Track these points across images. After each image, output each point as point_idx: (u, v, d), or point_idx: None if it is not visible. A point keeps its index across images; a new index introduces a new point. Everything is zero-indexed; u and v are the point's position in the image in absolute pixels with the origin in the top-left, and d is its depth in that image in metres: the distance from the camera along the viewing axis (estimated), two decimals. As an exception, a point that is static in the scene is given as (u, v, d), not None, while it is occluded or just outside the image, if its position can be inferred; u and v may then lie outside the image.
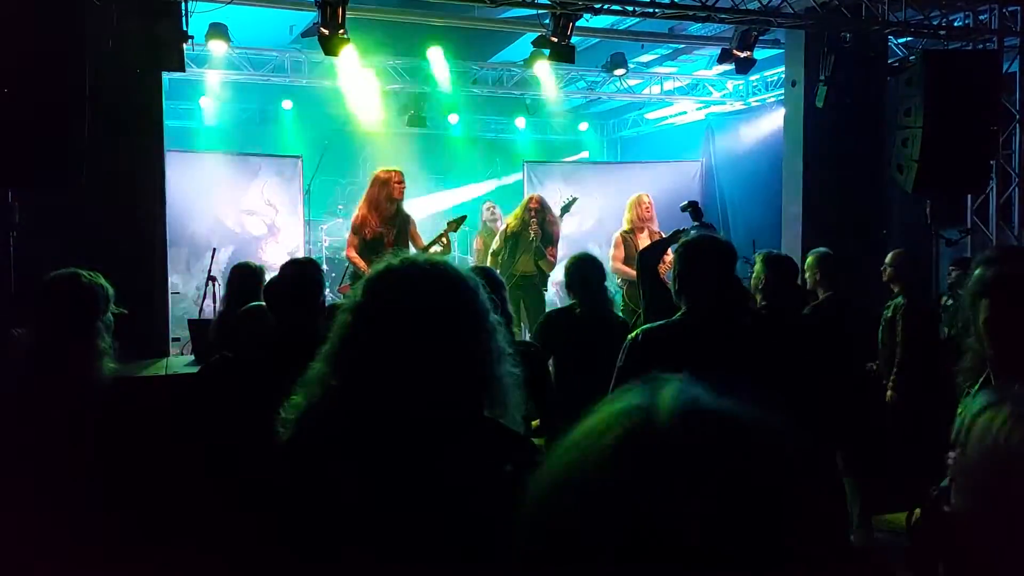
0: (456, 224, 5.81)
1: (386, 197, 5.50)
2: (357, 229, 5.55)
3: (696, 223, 5.67)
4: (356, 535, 1.19)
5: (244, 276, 3.86)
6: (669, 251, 6.31)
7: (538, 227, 6.21)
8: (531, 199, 6.46)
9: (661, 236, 6.38)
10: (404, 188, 5.61)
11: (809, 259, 4.74)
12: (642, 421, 0.56)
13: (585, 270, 3.69)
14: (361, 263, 5.43)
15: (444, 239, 5.66)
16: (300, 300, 2.54)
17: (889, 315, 4.73)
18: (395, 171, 5.63)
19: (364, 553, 1.19)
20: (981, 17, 6.71)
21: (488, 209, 7.79)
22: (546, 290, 6.54)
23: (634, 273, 6.19)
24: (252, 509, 1.40)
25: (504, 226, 6.49)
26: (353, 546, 1.20)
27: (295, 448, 1.32)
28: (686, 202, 5.68)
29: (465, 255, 9.14)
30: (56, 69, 4.71)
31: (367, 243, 5.46)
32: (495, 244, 6.45)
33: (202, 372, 2.69)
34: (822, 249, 4.79)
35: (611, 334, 3.54)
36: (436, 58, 8.52)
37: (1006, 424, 1.04)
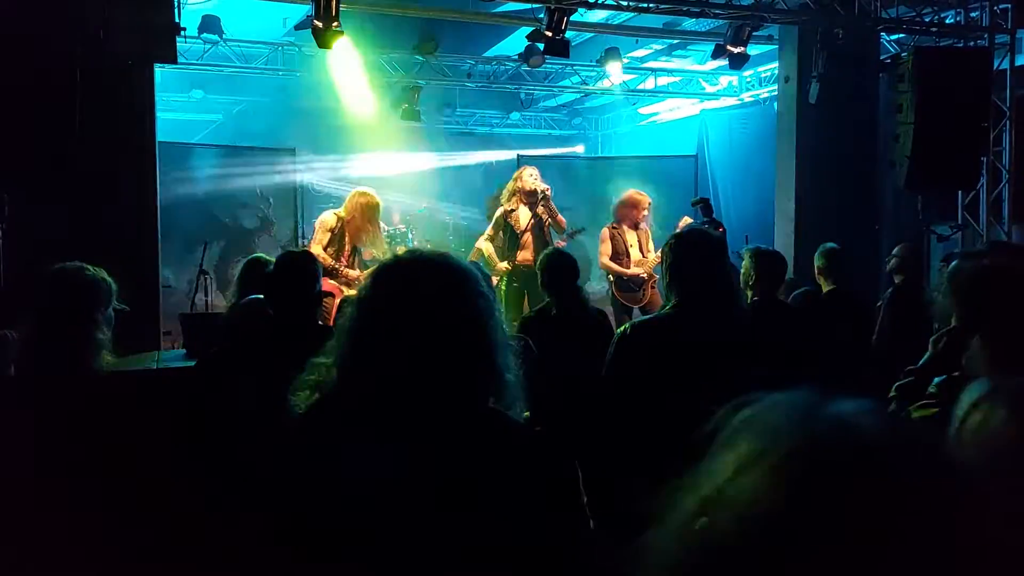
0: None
1: (370, 227, 5.51)
2: (332, 234, 5.50)
3: (706, 219, 5.74)
4: (365, 527, 1.20)
5: (257, 270, 3.84)
6: (652, 247, 6.36)
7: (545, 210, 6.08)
8: (538, 186, 6.04)
9: (647, 232, 6.41)
10: None
11: (817, 253, 4.81)
12: (851, 437, 0.53)
13: (558, 268, 3.67)
14: (331, 260, 5.40)
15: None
16: (296, 290, 2.56)
17: (880, 304, 4.81)
18: (378, 202, 5.61)
19: (372, 545, 1.19)
20: (972, 14, 6.74)
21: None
22: None
23: (620, 269, 6.21)
24: (256, 502, 1.40)
25: (500, 209, 6.19)
26: (361, 538, 1.20)
27: (303, 440, 1.32)
28: (697, 198, 5.72)
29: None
30: (47, 62, 4.69)
31: (332, 250, 5.46)
32: (489, 231, 6.23)
33: (200, 364, 2.69)
34: (830, 244, 4.86)
35: (588, 329, 3.56)
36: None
37: (1003, 419, 1.01)
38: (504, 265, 5.89)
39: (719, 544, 0.53)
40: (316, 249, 5.47)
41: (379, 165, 10.58)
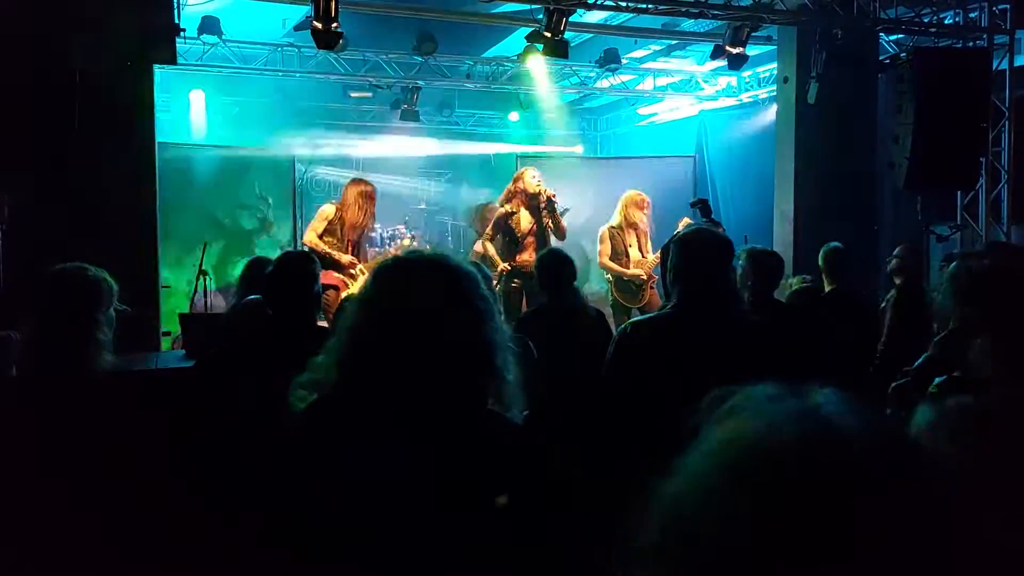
0: (413, 240, 6.35)
1: (366, 215, 5.67)
2: (329, 223, 5.65)
3: (705, 220, 5.75)
4: (363, 526, 1.20)
5: (259, 270, 3.84)
6: (648, 250, 6.36)
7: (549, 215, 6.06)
8: (542, 190, 6.00)
9: (646, 233, 6.41)
10: None
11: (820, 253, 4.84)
12: (821, 432, 0.53)
13: (555, 267, 3.68)
14: (323, 245, 5.54)
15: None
16: (295, 291, 2.57)
17: (884, 306, 4.84)
18: (374, 188, 5.77)
19: (371, 544, 1.19)
20: (971, 15, 6.74)
21: (490, 210, 7.52)
22: None
23: (619, 269, 6.20)
24: (255, 502, 1.40)
25: (499, 209, 6.14)
26: (360, 538, 1.20)
27: (302, 439, 1.32)
28: (695, 199, 5.73)
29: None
30: (46, 62, 4.69)
31: (330, 240, 5.62)
32: (488, 231, 6.17)
33: (199, 365, 2.71)
34: (833, 244, 4.88)
35: (585, 328, 3.59)
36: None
37: (947, 438, 1.01)
38: (506, 265, 5.88)
39: (699, 544, 0.52)
40: (310, 236, 5.66)
41: (381, 147, 10.59)
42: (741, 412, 0.58)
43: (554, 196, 5.98)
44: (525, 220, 5.99)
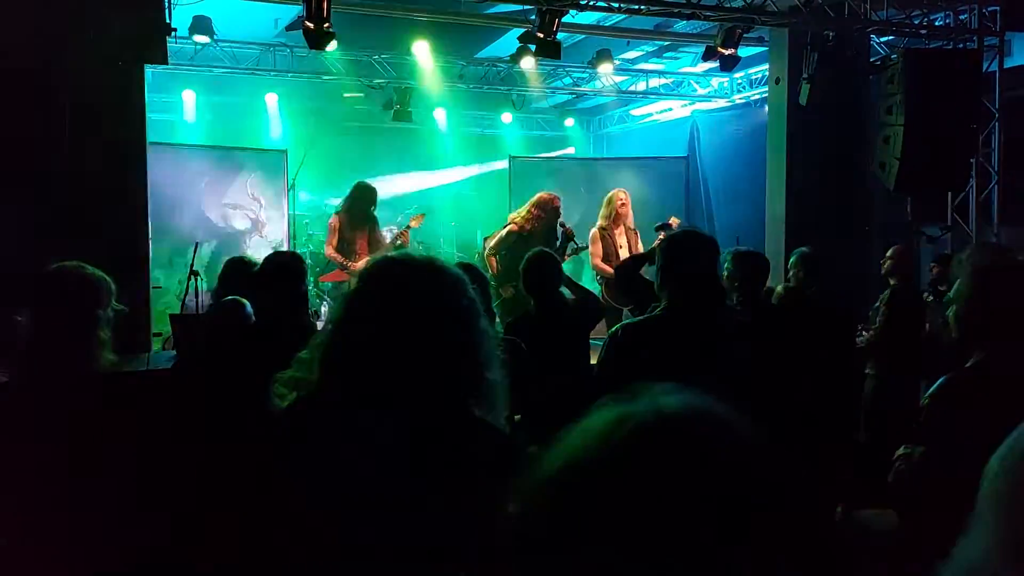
0: (417, 220, 6.50)
1: (364, 210, 6.22)
2: (334, 231, 6.26)
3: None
4: (344, 528, 1.20)
5: (236, 269, 3.82)
6: (641, 248, 6.34)
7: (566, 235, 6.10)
8: (565, 226, 6.08)
9: (636, 233, 6.41)
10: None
11: (792, 258, 4.79)
12: (654, 417, 0.65)
13: (540, 270, 3.68)
14: (340, 257, 6.16)
15: (404, 237, 6.27)
16: (282, 290, 2.56)
17: (878, 305, 4.86)
18: (374, 188, 6.35)
19: (353, 546, 1.19)
20: (961, 17, 6.78)
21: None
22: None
23: (611, 271, 6.20)
24: (245, 499, 1.40)
25: (511, 225, 6.09)
26: (341, 538, 1.20)
27: (285, 437, 1.32)
28: (659, 223, 5.65)
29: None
30: (36, 62, 4.67)
31: (342, 246, 6.22)
32: (493, 242, 6.11)
33: (174, 367, 2.70)
34: (804, 248, 4.88)
35: (570, 329, 3.62)
36: (421, 52, 8.52)
37: None
38: (511, 289, 5.81)
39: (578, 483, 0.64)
40: (328, 250, 6.32)
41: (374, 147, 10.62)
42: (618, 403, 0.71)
43: (571, 233, 6.01)
44: (537, 245, 5.96)
